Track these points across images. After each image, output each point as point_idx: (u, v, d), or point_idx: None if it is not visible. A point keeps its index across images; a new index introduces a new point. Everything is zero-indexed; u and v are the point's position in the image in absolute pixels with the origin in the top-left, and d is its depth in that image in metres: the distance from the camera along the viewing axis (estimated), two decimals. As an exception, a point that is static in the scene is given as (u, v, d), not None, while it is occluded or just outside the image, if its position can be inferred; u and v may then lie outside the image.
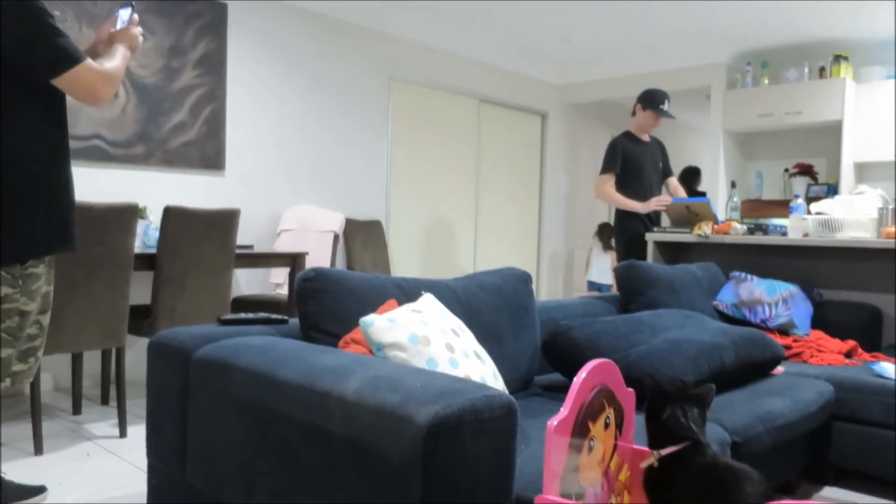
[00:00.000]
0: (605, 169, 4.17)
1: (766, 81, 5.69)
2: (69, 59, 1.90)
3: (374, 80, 5.34)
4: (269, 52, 4.68)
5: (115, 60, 2.06)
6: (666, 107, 4.12)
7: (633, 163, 4.13)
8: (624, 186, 4.11)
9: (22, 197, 1.95)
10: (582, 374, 1.17)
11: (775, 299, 3.16)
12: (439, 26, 5.23)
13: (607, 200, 4.21)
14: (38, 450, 2.68)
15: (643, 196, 4.11)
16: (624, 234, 4.19)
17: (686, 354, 2.10)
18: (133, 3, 2.23)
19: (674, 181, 4.35)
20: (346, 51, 5.14)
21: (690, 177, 6.80)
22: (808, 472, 2.56)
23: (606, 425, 1.26)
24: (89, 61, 1.96)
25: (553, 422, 1.11)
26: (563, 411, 1.13)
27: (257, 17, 4.60)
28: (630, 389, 1.34)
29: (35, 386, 2.69)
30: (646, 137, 4.24)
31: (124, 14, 2.19)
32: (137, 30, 2.20)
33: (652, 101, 4.14)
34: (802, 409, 2.20)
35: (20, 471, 2.50)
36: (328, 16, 5.01)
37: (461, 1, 4.65)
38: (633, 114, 4.24)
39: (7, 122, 1.90)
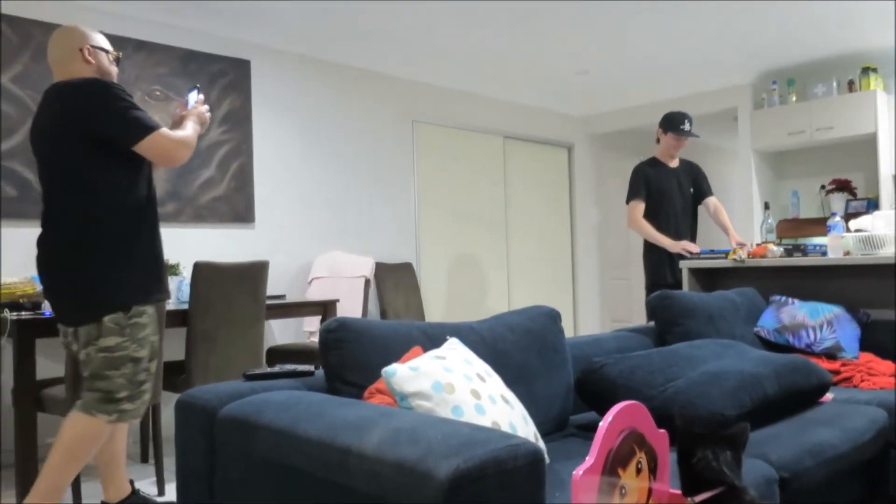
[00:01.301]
0: (631, 196, 4.14)
1: (794, 99, 5.60)
2: (145, 127, 2.23)
3: (397, 125, 5.39)
4: (293, 105, 4.77)
5: (187, 130, 2.40)
6: (687, 126, 4.08)
7: (656, 189, 4.09)
8: (648, 213, 4.08)
9: (121, 251, 2.25)
10: (608, 418, 1.13)
11: (819, 322, 3.04)
12: (458, 68, 5.29)
13: (638, 231, 4.15)
14: (78, 512, 2.69)
15: (668, 223, 4.06)
16: (649, 263, 4.13)
17: (725, 387, 2.02)
18: (198, 86, 2.63)
19: (713, 201, 4.24)
20: (368, 98, 5.22)
21: None
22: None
23: (638, 470, 1.20)
24: (164, 129, 2.28)
25: (578, 471, 1.06)
26: (590, 459, 1.08)
27: (280, 71, 4.70)
28: (662, 431, 1.28)
29: (73, 448, 2.71)
30: (672, 163, 4.19)
31: (192, 96, 2.58)
32: (204, 108, 2.55)
33: (671, 123, 4.10)
34: (855, 439, 2.09)
35: (60, 535, 2.50)
36: (348, 65, 5.10)
37: (477, 45, 4.70)
38: (658, 140, 4.21)
39: (107, 184, 2.23)
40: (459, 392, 1.55)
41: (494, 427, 1.52)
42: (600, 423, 1.14)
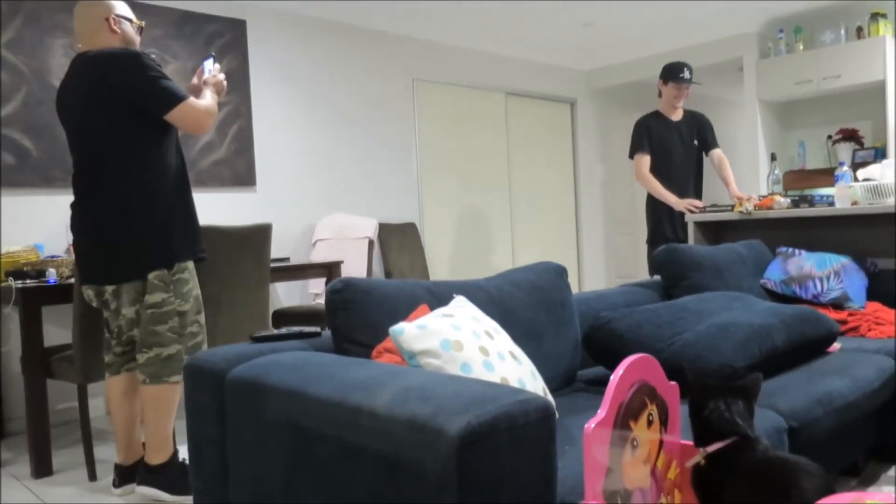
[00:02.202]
0: (635, 150, 4.10)
1: (801, 47, 5.49)
2: (174, 97, 2.30)
3: (397, 83, 5.31)
4: (291, 65, 4.69)
5: (208, 99, 2.46)
6: (686, 74, 4.02)
7: (659, 142, 4.05)
8: (651, 167, 4.04)
9: (162, 211, 2.33)
10: (618, 371, 1.12)
11: (826, 273, 3.03)
12: (459, 24, 5.18)
13: (645, 186, 4.11)
14: (92, 476, 2.72)
15: (672, 176, 4.02)
16: (651, 216, 4.12)
17: (734, 339, 2.01)
18: (214, 54, 2.69)
19: (717, 153, 4.18)
20: (368, 56, 5.13)
21: None
22: (875, 451, 2.44)
23: (650, 423, 1.20)
24: (192, 99, 2.36)
25: (590, 424, 1.05)
26: (601, 412, 1.07)
27: (276, 31, 4.61)
28: (673, 383, 1.27)
29: (84, 413, 2.74)
30: (676, 115, 4.13)
31: (208, 64, 2.60)
32: (221, 76, 2.59)
33: (671, 73, 4.05)
34: (864, 388, 2.09)
35: (74, 497, 2.54)
36: (346, 24, 5.00)
37: (478, -5, 4.59)
38: (659, 94, 4.15)
39: (143, 149, 2.31)
40: (468, 349, 1.54)
41: (503, 383, 1.52)
42: (611, 377, 1.13)
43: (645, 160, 4.05)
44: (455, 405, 1.14)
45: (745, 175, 5.94)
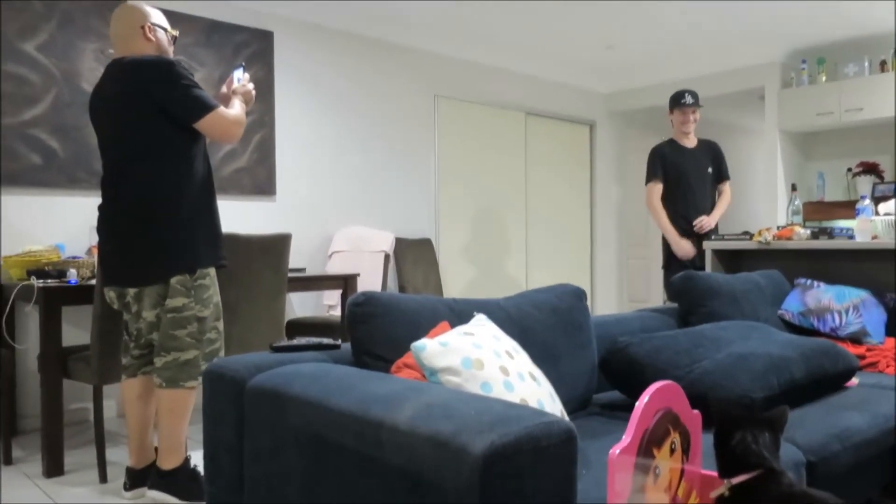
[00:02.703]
0: (648, 178, 4.17)
1: (824, 78, 5.49)
2: (205, 106, 2.35)
3: (419, 99, 5.35)
4: (315, 77, 4.74)
5: (236, 108, 2.50)
6: (688, 99, 4.09)
7: (674, 169, 4.10)
8: (666, 194, 4.09)
9: (187, 217, 2.37)
10: (644, 398, 1.12)
11: (845, 306, 3.01)
12: (482, 42, 5.22)
13: (652, 215, 4.17)
14: (103, 478, 2.73)
15: (686, 204, 4.07)
16: (665, 242, 4.17)
17: (753, 369, 2.00)
18: (244, 64, 2.70)
19: (724, 187, 4.24)
20: (391, 71, 5.18)
21: None
22: (891, 489, 2.41)
23: (672, 451, 1.19)
24: (221, 108, 2.40)
25: (615, 450, 1.05)
26: (626, 438, 1.07)
27: (302, 43, 4.67)
28: (696, 412, 1.27)
29: (98, 414, 2.75)
30: (690, 143, 4.16)
31: (238, 74, 2.64)
32: (250, 85, 2.63)
33: (674, 100, 4.14)
34: (882, 424, 2.07)
35: (85, 498, 2.54)
36: (371, 38, 5.05)
37: (502, 19, 4.63)
38: (672, 123, 4.22)
39: (173, 155, 2.35)
40: (488, 368, 1.54)
41: (523, 404, 1.52)
42: (637, 402, 1.13)
43: (657, 188, 4.10)
44: (478, 424, 1.15)
45: (763, 204, 5.92)
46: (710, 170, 4.16)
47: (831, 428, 1.92)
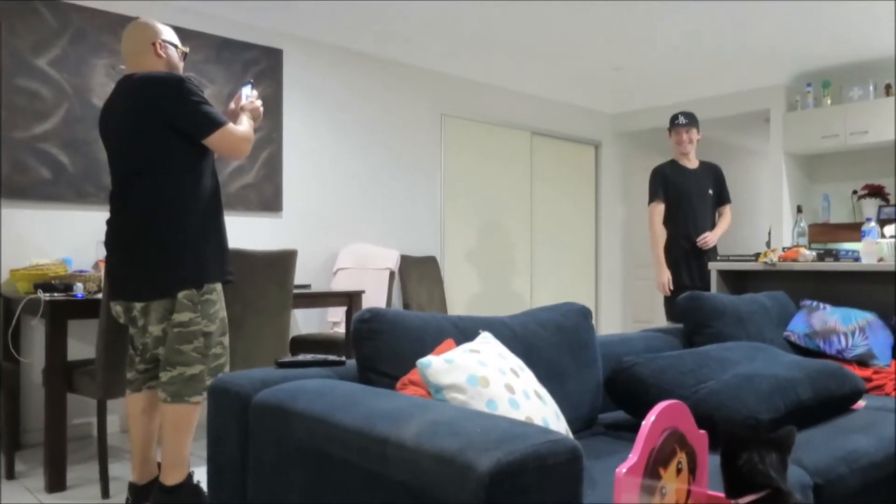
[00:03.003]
0: (650, 198, 4.23)
1: (829, 101, 5.52)
2: (214, 122, 2.37)
3: (426, 117, 5.39)
4: (323, 95, 4.78)
5: (244, 125, 2.53)
6: (681, 120, 4.16)
7: (675, 190, 4.14)
8: (667, 215, 4.14)
9: (194, 232, 2.38)
10: (651, 417, 1.11)
11: (851, 328, 3.00)
12: (489, 62, 5.26)
13: (651, 237, 4.21)
14: (105, 493, 2.72)
15: (686, 224, 4.10)
16: (669, 261, 4.20)
17: (759, 390, 1.99)
18: (252, 81, 2.72)
19: (726, 209, 4.28)
20: (398, 89, 5.22)
21: None
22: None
23: (679, 471, 1.19)
24: (230, 125, 2.42)
25: (622, 469, 1.05)
26: (633, 457, 1.07)
27: (311, 60, 4.71)
28: (702, 431, 1.27)
29: (102, 429, 2.75)
30: (691, 164, 4.19)
31: (246, 90, 2.66)
32: (258, 103, 2.65)
33: (670, 121, 4.23)
34: (889, 447, 2.06)
35: (88, 514, 2.54)
36: (379, 57, 5.10)
37: (510, 36, 4.67)
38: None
39: (181, 171, 2.36)
40: (494, 386, 1.54)
41: (528, 422, 1.52)
42: (643, 421, 1.12)
43: (658, 209, 4.14)
44: (484, 441, 1.14)
45: (766, 226, 5.93)
46: (710, 191, 4.19)
47: (838, 450, 1.91)
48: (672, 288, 4.08)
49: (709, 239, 4.04)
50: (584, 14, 4.29)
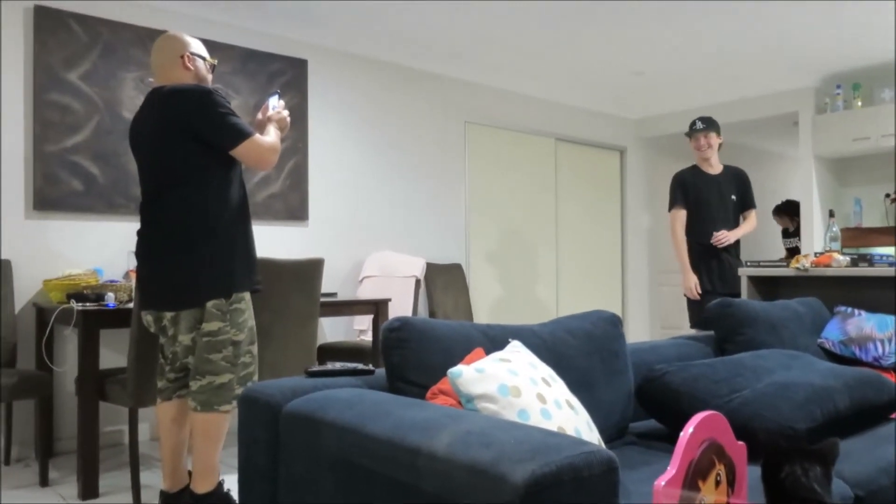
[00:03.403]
0: (671, 204, 4.19)
1: (859, 104, 5.42)
2: (241, 133, 2.39)
3: (449, 125, 5.39)
4: (348, 104, 4.80)
5: (271, 135, 2.54)
6: (698, 125, 4.13)
7: (695, 196, 4.10)
8: (688, 221, 4.11)
9: (223, 242, 2.40)
10: (689, 428, 1.09)
11: (888, 335, 2.93)
12: (512, 69, 5.26)
13: (673, 243, 4.16)
14: (137, 501, 2.74)
15: (704, 231, 4.05)
16: (691, 266, 4.16)
17: (794, 399, 1.95)
18: (279, 91, 2.73)
19: (751, 214, 4.22)
20: (422, 97, 5.23)
21: (793, 210, 6.62)
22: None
23: (717, 483, 1.16)
24: (257, 135, 2.44)
25: (661, 481, 1.03)
26: (671, 469, 1.05)
27: (335, 70, 4.74)
28: (741, 443, 1.24)
29: (133, 437, 2.78)
30: (713, 169, 4.15)
31: (273, 101, 2.67)
32: (284, 113, 2.67)
33: (689, 128, 4.19)
34: (931, 458, 2.00)
35: (120, 522, 2.56)
36: (403, 65, 5.11)
37: (531, 45, 4.66)
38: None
39: (210, 181, 2.39)
40: (525, 396, 1.53)
41: (560, 433, 1.50)
42: (681, 433, 1.10)
43: (679, 215, 4.10)
44: (518, 452, 1.13)
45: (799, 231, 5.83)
46: (733, 197, 4.13)
47: (879, 461, 1.86)
48: (699, 292, 4.03)
49: (723, 237, 3.98)
50: (606, 19, 4.27)
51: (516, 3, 4.01)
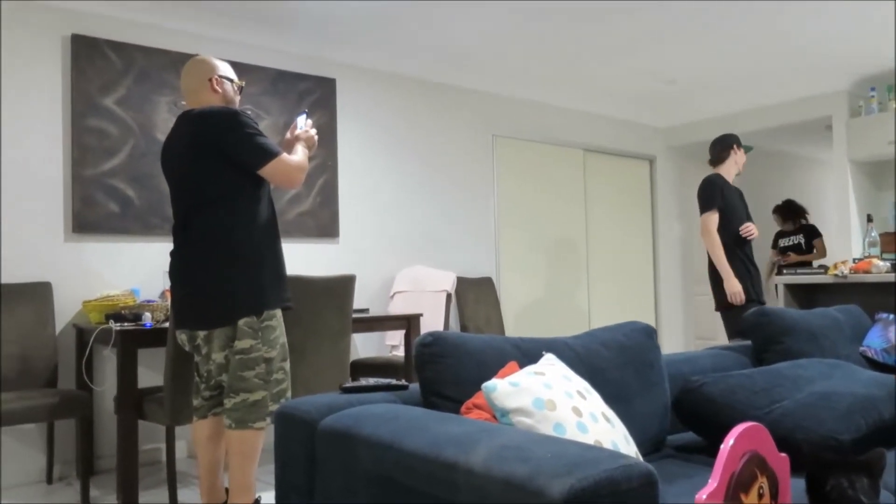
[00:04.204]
0: (707, 206, 3.98)
1: (894, 106, 5.31)
2: (268, 153, 2.43)
3: (477, 139, 5.41)
4: (376, 121, 4.85)
5: (299, 154, 2.58)
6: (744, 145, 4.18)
7: (728, 203, 3.97)
8: (719, 227, 3.95)
9: (254, 260, 2.44)
10: (730, 440, 1.07)
11: (932, 342, 2.85)
12: (539, 81, 5.26)
13: (709, 246, 3.98)
14: (175, 518, 2.78)
15: (737, 236, 3.93)
16: (720, 283, 3.97)
17: (837, 409, 1.91)
18: (307, 111, 2.72)
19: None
20: (449, 112, 5.25)
21: (793, 211, 6.39)
22: None
23: (760, 496, 1.14)
24: (284, 155, 2.48)
25: (702, 495, 1.01)
26: (712, 482, 1.03)
27: (363, 88, 4.79)
28: (783, 455, 1.22)
29: (171, 455, 2.81)
30: (732, 180, 4.11)
31: (301, 120, 2.71)
32: (312, 131, 2.71)
33: (737, 143, 4.17)
34: (982, 469, 1.94)
35: (159, 539, 2.59)
36: (429, 81, 5.15)
37: (559, 54, 4.66)
38: (722, 159, 4.12)
39: (239, 201, 2.43)
40: (561, 409, 1.52)
41: (597, 446, 1.48)
42: (722, 445, 1.09)
43: (714, 218, 3.96)
44: (555, 467, 1.12)
45: (835, 238, 5.72)
46: (746, 208, 4.10)
47: (927, 472, 1.81)
48: (736, 301, 3.91)
49: (753, 229, 3.88)
50: (635, 28, 4.26)
51: (542, 15, 4.02)
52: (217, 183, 2.41)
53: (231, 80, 2.60)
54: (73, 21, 3.69)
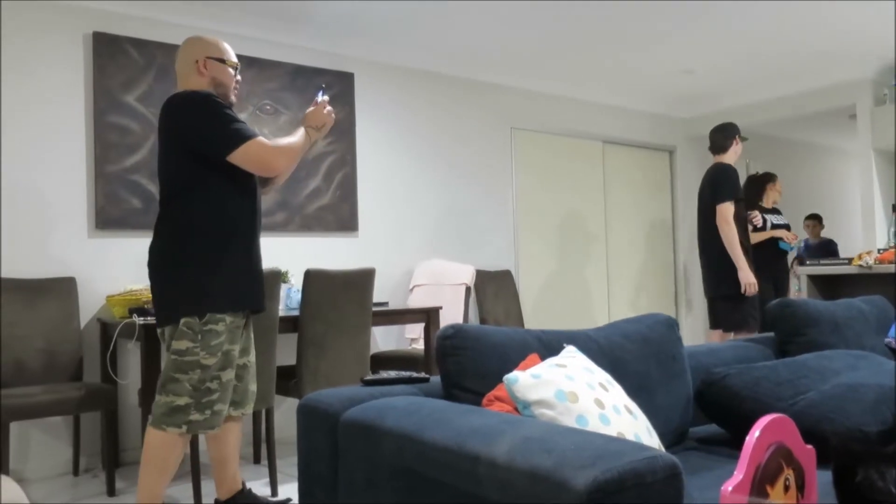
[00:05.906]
0: (727, 196, 3.94)
1: (920, 94, 5.22)
2: (236, 138, 2.21)
3: (496, 132, 5.39)
4: (394, 115, 4.85)
5: (292, 137, 2.36)
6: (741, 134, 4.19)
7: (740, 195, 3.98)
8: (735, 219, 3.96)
9: (207, 259, 2.26)
10: (755, 432, 1.07)
11: (960, 333, 2.81)
12: (557, 73, 5.23)
13: (726, 236, 3.92)
14: (200, 509, 2.81)
15: (744, 226, 3.94)
16: (726, 267, 3.95)
17: (864, 400, 1.89)
18: (324, 86, 2.51)
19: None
20: (467, 105, 5.24)
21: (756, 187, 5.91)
22: None
23: (786, 488, 1.13)
24: (260, 138, 2.25)
25: (727, 486, 1.01)
26: (738, 474, 1.02)
27: (382, 82, 4.79)
28: (809, 447, 1.21)
29: (195, 447, 2.84)
30: None
31: (318, 97, 2.50)
32: (328, 109, 2.47)
33: (738, 133, 4.21)
34: None
35: (185, 530, 2.62)
36: (447, 74, 5.14)
37: (577, 45, 4.63)
38: (724, 149, 4.11)
39: (201, 194, 2.25)
40: (583, 401, 1.51)
41: (622, 438, 1.48)
42: (747, 437, 1.08)
43: (732, 208, 3.93)
44: (579, 458, 1.12)
45: (860, 228, 5.64)
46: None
47: (956, 465, 1.78)
48: (752, 292, 3.86)
49: (757, 215, 3.90)
50: (653, 18, 4.22)
51: (560, 7, 3.99)
52: (179, 174, 2.27)
53: (223, 61, 2.39)
54: (94, 19, 3.73)
